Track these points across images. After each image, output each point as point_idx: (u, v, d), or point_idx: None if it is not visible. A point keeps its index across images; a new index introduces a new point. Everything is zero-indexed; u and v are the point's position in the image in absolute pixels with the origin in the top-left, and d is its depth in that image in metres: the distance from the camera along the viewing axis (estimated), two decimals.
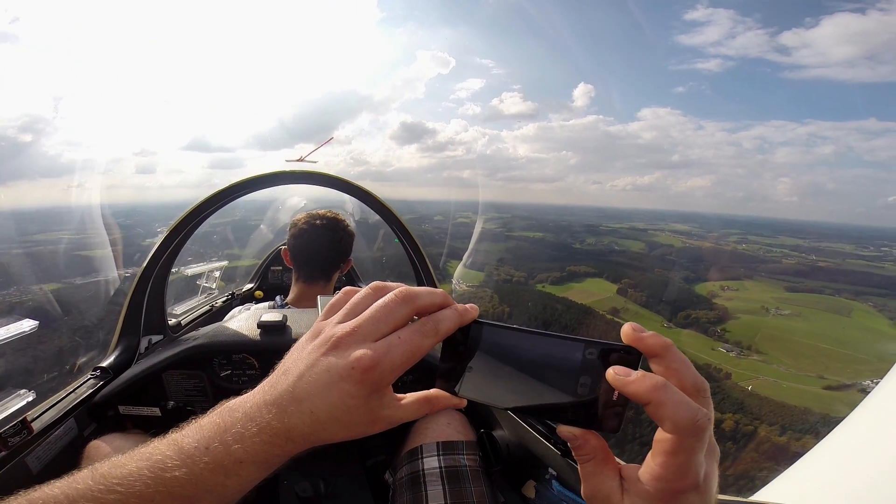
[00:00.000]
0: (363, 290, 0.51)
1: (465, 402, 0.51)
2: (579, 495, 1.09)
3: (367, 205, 2.13)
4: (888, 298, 44.89)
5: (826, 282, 50.98)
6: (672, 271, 54.35)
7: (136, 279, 1.75)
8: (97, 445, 1.27)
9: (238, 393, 1.40)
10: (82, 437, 1.38)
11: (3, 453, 1.16)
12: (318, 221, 1.91)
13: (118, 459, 0.45)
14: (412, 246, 2.14)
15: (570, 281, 51.22)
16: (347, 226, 1.98)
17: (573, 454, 0.45)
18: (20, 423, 1.23)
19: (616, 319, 39.56)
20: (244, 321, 1.55)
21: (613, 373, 0.40)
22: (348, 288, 0.54)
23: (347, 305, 0.51)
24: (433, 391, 0.52)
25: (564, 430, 0.44)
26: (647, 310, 43.17)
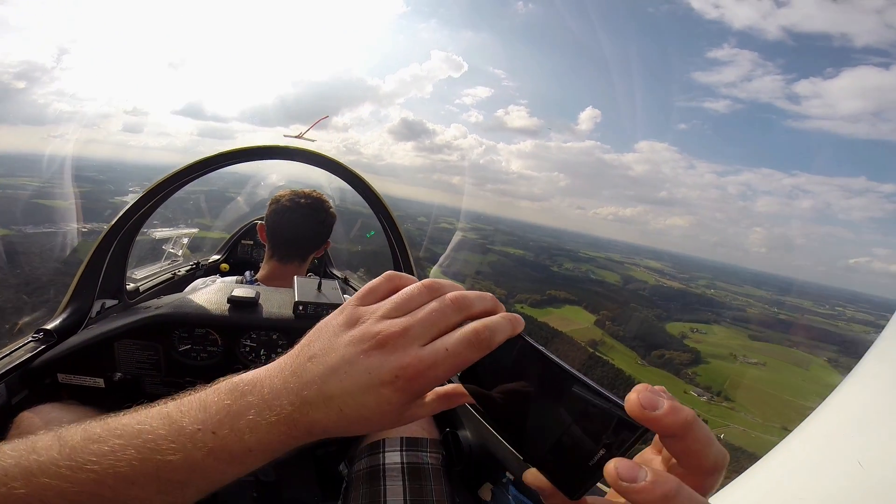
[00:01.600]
0: (416, 286, 0.46)
1: (470, 399, 0.49)
2: (534, 502, 1.12)
3: (360, 192, 2.04)
4: (840, 354, 47.97)
5: (785, 333, 53.98)
6: (646, 308, 56.14)
7: (101, 238, 1.62)
8: (32, 415, 1.16)
9: (195, 369, 1.23)
10: (9, 405, 1.25)
11: None
12: (302, 200, 1.87)
13: (92, 431, 0.40)
14: (398, 242, 2.05)
15: (550, 305, 52.05)
16: (331, 208, 1.95)
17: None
18: None
19: (598, 353, 40.36)
20: (212, 294, 1.49)
21: (615, 471, 0.33)
22: (392, 274, 0.49)
23: (396, 298, 0.45)
24: (452, 387, 0.49)
25: (531, 477, 0.41)
26: (622, 344, 44.28)
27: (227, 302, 1.41)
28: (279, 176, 4.38)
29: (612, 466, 0.34)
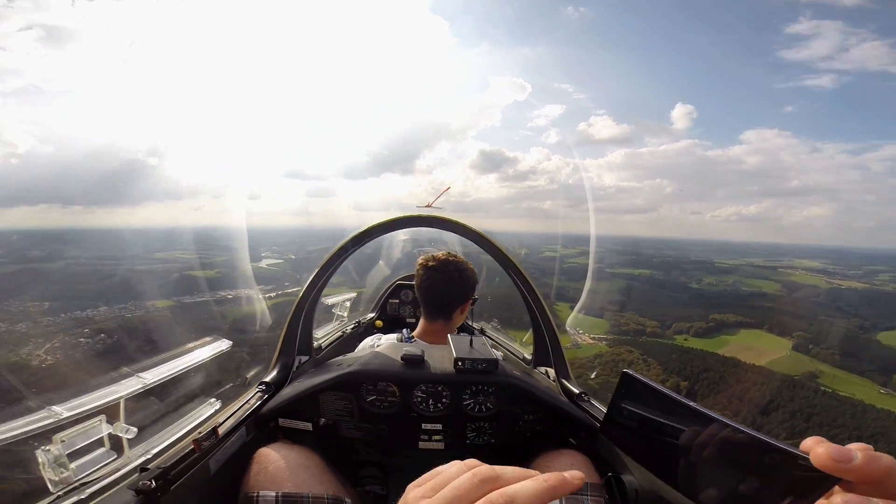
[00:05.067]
0: (453, 468, 0.52)
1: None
2: None
3: (486, 250, 2.23)
4: None
5: None
6: (840, 318, 46.88)
7: (294, 306, 2.09)
8: (267, 453, 1.44)
9: (379, 417, 1.68)
10: (247, 443, 1.57)
11: (196, 454, 1.36)
12: (431, 263, 2.06)
13: None
14: (531, 295, 2.17)
15: (720, 332, 44.80)
16: (464, 268, 2.08)
17: None
18: (212, 430, 1.45)
19: (837, 392, 32.68)
20: (388, 351, 1.76)
21: None
22: (440, 468, 0.55)
23: (433, 481, 0.51)
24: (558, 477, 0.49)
25: None
26: (846, 372, 36.05)
27: (401, 359, 1.66)
28: (405, 233, 4.67)
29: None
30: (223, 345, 1.85)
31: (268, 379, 1.87)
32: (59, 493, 1.15)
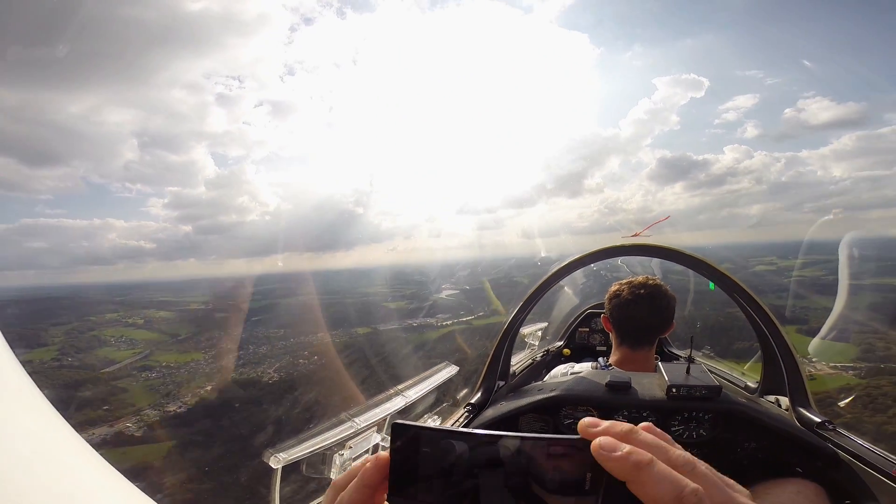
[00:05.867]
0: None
1: None
2: None
3: (704, 275, 2.18)
4: None
5: None
6: None
7: (500, 334, 2.23)
8: None
9: None
10: None
11: None
12: (641, 291, 2.03)
13: None
14: (758, 313, 2.06)
15: None
16: (668, 292, 2.07)
17: None
18: None
19: None
20: (592, 378, 1.80)
21: (599, 446, 0.38)
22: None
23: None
24: None
25: None
26: None
27: (605, 386, 1.69)
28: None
29: (597, 444, 0.39)
30: (453, 370, 2.13)
31: (473, 401, 2.06)
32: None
